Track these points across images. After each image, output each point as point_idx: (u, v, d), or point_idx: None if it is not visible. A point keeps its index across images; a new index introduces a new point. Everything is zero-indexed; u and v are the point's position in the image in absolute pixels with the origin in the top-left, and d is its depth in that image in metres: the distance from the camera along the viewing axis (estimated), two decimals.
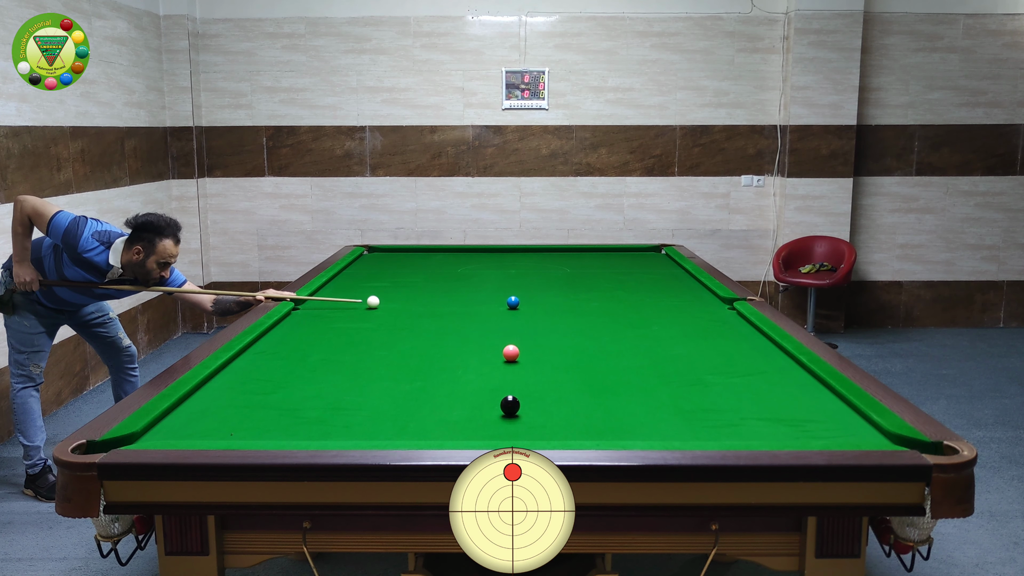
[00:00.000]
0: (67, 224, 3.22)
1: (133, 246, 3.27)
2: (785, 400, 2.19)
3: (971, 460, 1.71)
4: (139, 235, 3.26)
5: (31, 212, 3.25)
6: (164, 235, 3.26)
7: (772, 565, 1.86)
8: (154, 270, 3.30)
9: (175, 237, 3.31)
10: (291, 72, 6.13)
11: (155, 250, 3.26)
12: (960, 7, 6.05)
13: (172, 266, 3.41)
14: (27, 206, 3.25)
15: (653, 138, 6.21)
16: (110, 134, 5.20)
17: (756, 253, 6.38)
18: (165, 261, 3.30)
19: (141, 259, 3.26)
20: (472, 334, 2.88)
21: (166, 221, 3.30)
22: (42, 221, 3.24)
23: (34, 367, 3.51)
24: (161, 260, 3.28)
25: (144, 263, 3.27)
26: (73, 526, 3.26)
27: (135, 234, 3.28)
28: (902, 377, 5.17)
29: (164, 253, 3.27)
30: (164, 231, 3.27)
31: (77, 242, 3.23)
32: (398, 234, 6.31)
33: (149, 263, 3.27)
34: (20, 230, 3.28)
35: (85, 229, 3.25)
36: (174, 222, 3.34)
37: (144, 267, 3.28)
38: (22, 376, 3.51)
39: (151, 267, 3.28)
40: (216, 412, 2.11)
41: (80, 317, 3.64)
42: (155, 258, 3.27)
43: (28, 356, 3.49)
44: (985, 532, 3.22)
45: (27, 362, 3.50)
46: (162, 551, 1.85)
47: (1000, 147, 6.22)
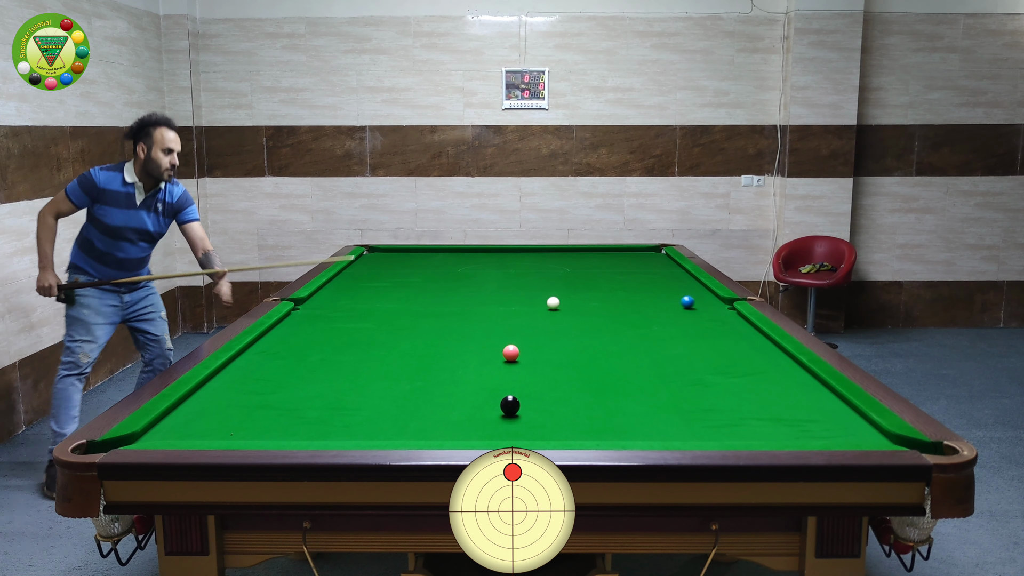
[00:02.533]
0: (77, 179, 3.53)
1: (136, 147, 3.52)
2: (785, 400, 2.19)
3: (971, 460, 1.71)
4: (137, 135, 3.52)
5: (50, 211, 3.54)
6: (157, 124, 3.51)
7: (772, 565, 1.86)
8: (162, 160, 3.50)
9: (168, 124, 3.54)
10: (291, 72, 6.13)
11: (154, 140, 3.48)
12: (960, 7, 6.05)
13: (190, 200, 3.69)
14: (44, 210, 3.55)
15: (653, 138, 6.21)
16: (110, 134, 5.20)
17: (756, 253, 6.38)
18: (168, 147, 3.50)
19: (147, 154, 3.50)
20: (472, 334, 2.88)
21: (156, 115, 3.58)
22: (60, 200, 3.54)
23: (83, 356, 3.62)
24: (163, 148, 3.49)
25: (151, 157, 3.49)
26: (73, 526, 3.26)
27: (134, 137, 3.53)
28: (902, 377, 5.17)
29: (163, 140, 3.49)
30: (156, 121, 3.52)
31: (93, 180, 3.50)
32: (398, 234, 6.31)
33: (154, 154, 3.49)
34: (43, 235, 3.56)
35: (92, 170, 3.55)
36: (164, 115, 3.61)
37: (153, 161, 3.50)
38: (70, 363, 3.62)
39: (157, 158, 3.49)
40: (216, 412, 2.11)
41: (136, 309, 3.80)
42: (157, 147, 3.49)
43: (80, 344, 3.61)
44: (985, 532, 3.22)
45: (78, 349, 3.61)
46: (162, 551, 1.84)
47: (1000, 147, 6.22)
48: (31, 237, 4.39)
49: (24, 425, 4.34)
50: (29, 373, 4.38)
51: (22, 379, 4.33)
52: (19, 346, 4.32)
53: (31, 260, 4.39)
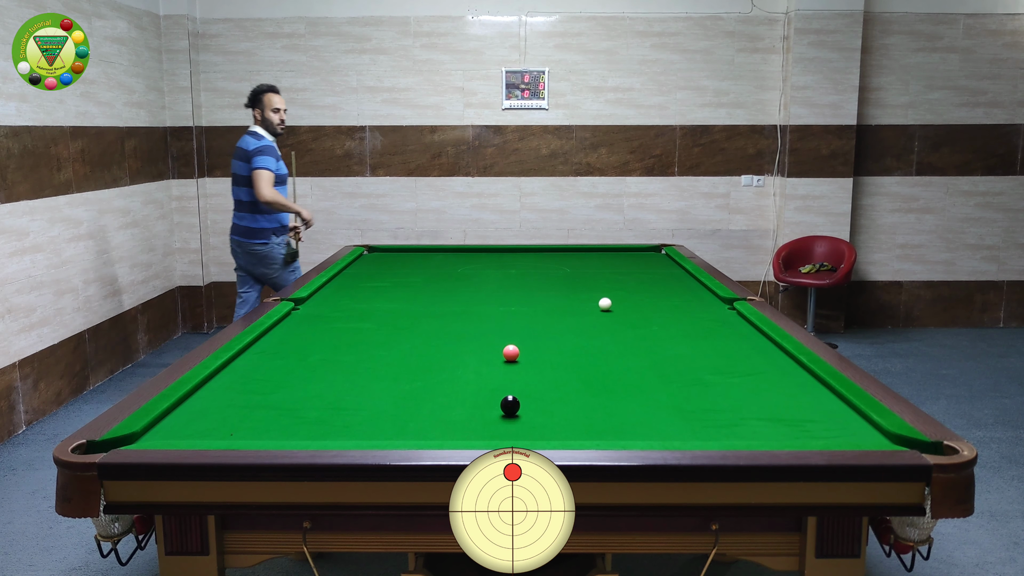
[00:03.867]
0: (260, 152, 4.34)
1: (253, 113, 4.50)
2: (785, 400, 2.19)
3: (971, 460, 1.71)
4: (252, 104, 4.51)
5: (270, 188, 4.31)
6: (265, 91, 4.48)
7: (772, 565, 1.86)
8: (273, 118, 4.47)
9: (273, 89, 4.51)
10: (291, 72, 6.13)
11: (264, 104, 4.46)
12: (960, 7, 6.05)
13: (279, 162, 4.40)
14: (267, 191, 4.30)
15: (653, 138, 6.21)
16: (110, 134, 5.20)
17: (756, 253, 6.38)
18: (276, 107, 4.47)
19: (262, 116, 4.47)
20: (472, 334, 2.88)
21: (263, 84, 4.56)
22: (267, 176, 4.31)
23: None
24: (273, 108, 4.46)
25: (265, 118, 4.46)
26: (73, 526, 3.26)
27: (250, 106, 4.52)
28: (902, 377, 5.17)
29: (271, 103, 4.46)
30: (263, 90, 4.49)
31: (271, 145, 4.41)
32: (398, 234, 6.31)
33: (267, 115, 4.46)
34: (282, 200, 4.38)
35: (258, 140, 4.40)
36: (268, 84, 4.56)
37: (268, 121, 4.47)
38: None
39: (270, 117, 4.47)
40: (216, 412, 2.11)
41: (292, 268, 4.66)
42: (268, 110, 4.46)
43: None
44: (985, 532, 3.22)
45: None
46: (162, 551, 1.84)
47: (1000, 147, 6.22)
48: (31, 237, 4.39)
49: (24, 425, 4.34)
50: (29, 373, 4.39)
51: (22, 379, 4.33)
52: (19, 346, 4.32)
53: (31, 260, 4.40)
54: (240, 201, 4.48)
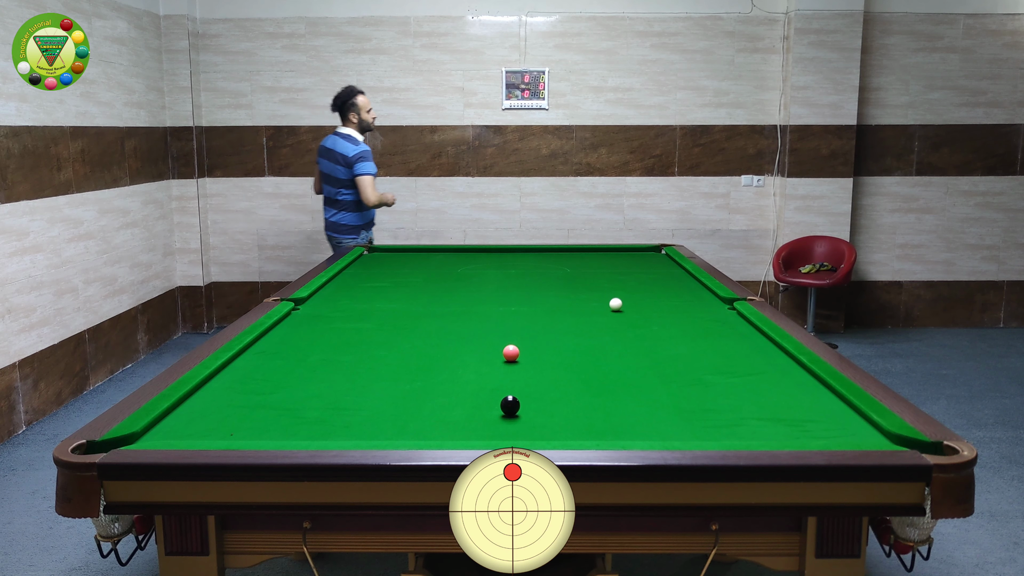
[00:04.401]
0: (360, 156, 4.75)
1: (348, 117, 4.89)
2: (785, 400, 2.19)
3: (971, 460, 1.70)
4: (345, 109, 4.88)
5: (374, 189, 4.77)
6: (355, 95, 4.87)
7: (772, 565, 1.86)
8: (367, 119, 4.91)
9: (361, 91, 4.92)
10: (291, 72, 6.13)
11: (358, 107, 4.87)
12: (960, 7, 6.05)
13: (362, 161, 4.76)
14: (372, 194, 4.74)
15: (653, 138, 6.21)
16: (110, 134, 5.20)
17: (756, 253, 6.38)
18: (368, 108, 4.90)
19: (358, 119, 4.88)
20: (472, 334, 2.88)
21: (347, 90, 4.90)
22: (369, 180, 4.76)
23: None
24: (365, 110, 4.89)
25: (361, 120, 4.89)
26: (73, 526, 3.26)
27: (343, 112, 4.89)
28: (902, 377, 5.17)
29: (363, 105, 4.89)
30: (353, 93, 4.88)
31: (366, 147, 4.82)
32: (398, 234, 6.31)
33: (363, 117, 4.89)
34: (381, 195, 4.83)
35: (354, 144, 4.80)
36: (352, 87, 4.94)
37: (363, 122, 4.90)
38: None
39: (365, 118, 4.90)
40: (216, 412, 2.11)
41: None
42: (361, 112, 4.88)
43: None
44: (985, 532, 3.22)
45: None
46: (162, 551, 1.84)
47: (1000, 147, 6.22)
48: (31, 237, 4.39)
49: (24, 425, 4.34)
50: (29, 373, 4.39)
51: (22, 379, 4.33)
52: (19, 346, 4.32)
53: (31, 260, 4.40)
54: (337, 200, 4.91)
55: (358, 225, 4.94)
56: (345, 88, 4.91)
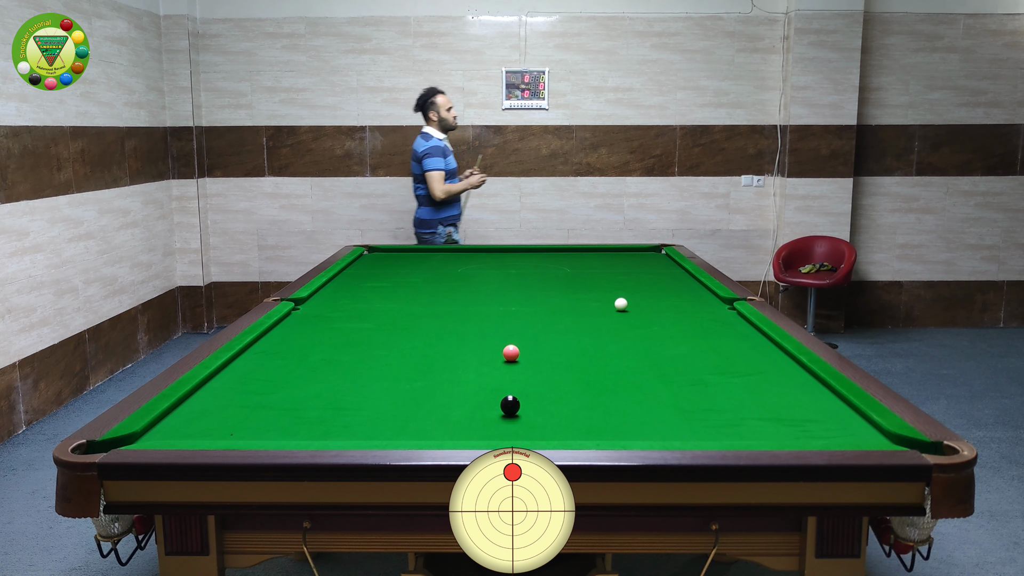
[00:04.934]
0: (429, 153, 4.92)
1: (429, 116, 5.05)
2: (785, 400, 2.19)
3: (971, 460, 1.70)
4: (426, 109, 5.05)
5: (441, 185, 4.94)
6: (434, 95, 5.04)
7: (772, 565, 1.86)
8: (447, 117, 5.04)
9: (440, 91, 5.07)
10: (291, 72, 6.13)
11: (437, 106, 5.02)
12: (960, 7, 6.05)
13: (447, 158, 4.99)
14: (439, 188, 4.94)
15: (653, 138, 6.21)
16: (110, 134, 5.20)
17: (756, 253, 6.38)
18: (448, 107, 5.05)
19: (438, 118, 5.03)
20: (472, 334, 2.88)
21: (427, 90, 5.10)
22: (438, 175, 4.93)
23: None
24: (445, 108, 5.03)
25: (441, 119, 5.04)
26: (73, 526, 3.26)
27: (424, 112, 5.07)
28: (902, 377, 5.17)
29: (443, 104, 5.03)
30: (432, 93, 5.05)
31: (439, 146, 4.95)
32: (398, 234, 6.31)
33: (443, 115, 5.03)
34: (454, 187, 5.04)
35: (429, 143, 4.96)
36: (432, 87, 5.14)
37: (443, 121, 5.04)
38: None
39: (445, 116, 5.04)
40: (216, 412, 2.11)
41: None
42: (442, 110, 5.02)
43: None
44: (985, 532, 3.22)
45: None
46: (162, 551, 1.84)
47: (1000, 147, 6.22)
48: (31, 237, 4.39)
49: (24, 425, 4.34)
50: (29, 373, 4.39)
51: (22, 379, 4.33)
52: (19, 346, 4.32)
53: (31, 260, 4.40)
54: (416, 196, 5.14)
55: (432, 220, 5.09)
56: (426, 89, 5.11)
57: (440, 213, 5.11)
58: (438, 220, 5.12)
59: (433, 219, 5.11)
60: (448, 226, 5.13)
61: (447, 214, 5.14)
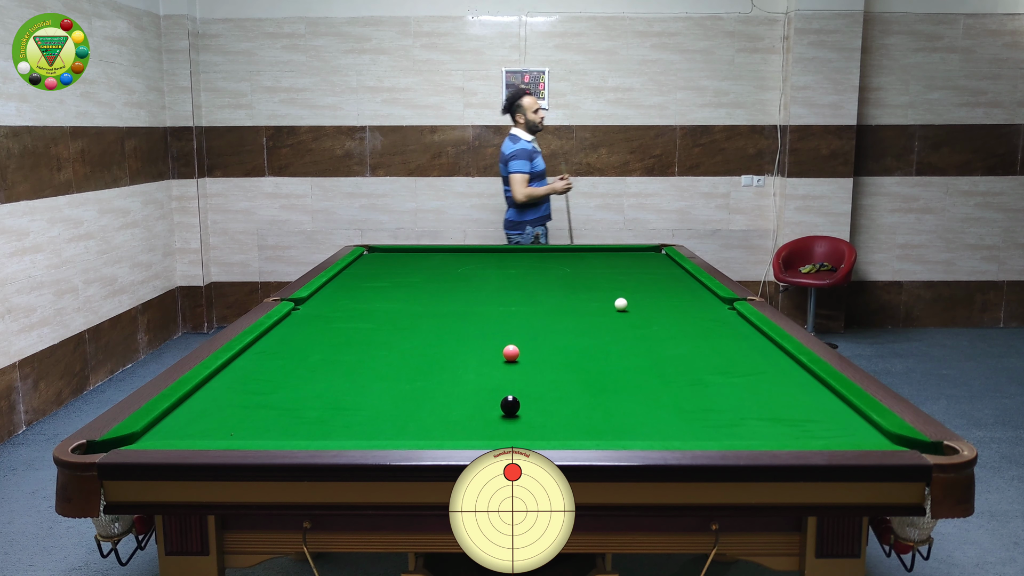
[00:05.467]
0: (514, 156, 4.95)
1: (516, 118, 5.07)
2: (785, 400, 2.19)
3: (971, 460, 1.70)
4: (513, 111, 5.07)
5: (524, 188, 4.96)
6: (521, 96, 5.04)
7: (772, 565, 1.86)
8: (534, 119, 5.03)
9: (527, 93, 5.09)
10: (291, 72, 6.13)
11: (524, 108, 5.02)
12: (960, 7, 6.05)
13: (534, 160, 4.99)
14: (521, 191, 4.95)
15: (653, 138, 6.21)
16: (110, 134, 5.20)
17: (756, 253, 6.38)
18: (535, 108, 5.03)
19: (525, 119, 5.03)
20: (472, 334, 2.88)
21: (514, 92, 5.17)
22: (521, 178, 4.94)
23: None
24: (531, 110, 5.01)
25: (528, 121, 5.03)
26: (73, 526, 3.26)
27: (512, 114, 5.09)
28: (902, 377, 5.17)
29: (530, 106, 5.02)
30: (519, 95, 5.06)
31: (525, 148, 4.96)
32: (398, 234, 6.31)
33: (529, 117, 5.02)
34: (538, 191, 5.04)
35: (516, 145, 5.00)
36: (518, 88, 5.35)
37: (529, 122, 5.04)
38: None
39: (531, 118, 5.03)
40: (216, 412, 2.11)
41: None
42: (529, 112, 5.01)
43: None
44: (985, 532, 3.22)
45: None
46: (162, 551, 1.84)
47: (1000, 147, 6.22)
48: (31, 237, 4.39)
49: (24, 425, 4.34)
50: (29, 373, 4.39)
51: (22, 379, 4.33)
52: (19, 346, 4.32)
53: (31, 260, 4.40)
54: (505, 197, 5.16)
55: (520, 221, 5.10)
56: (513, 90, 5.22)
57: (526, 215, 5.11)
58: (526, 221, 5.11)
59: (521, 220, 5.11)
60: (536, 227, 5.13)
61: (534, 215, 5.13)
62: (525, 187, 4.98)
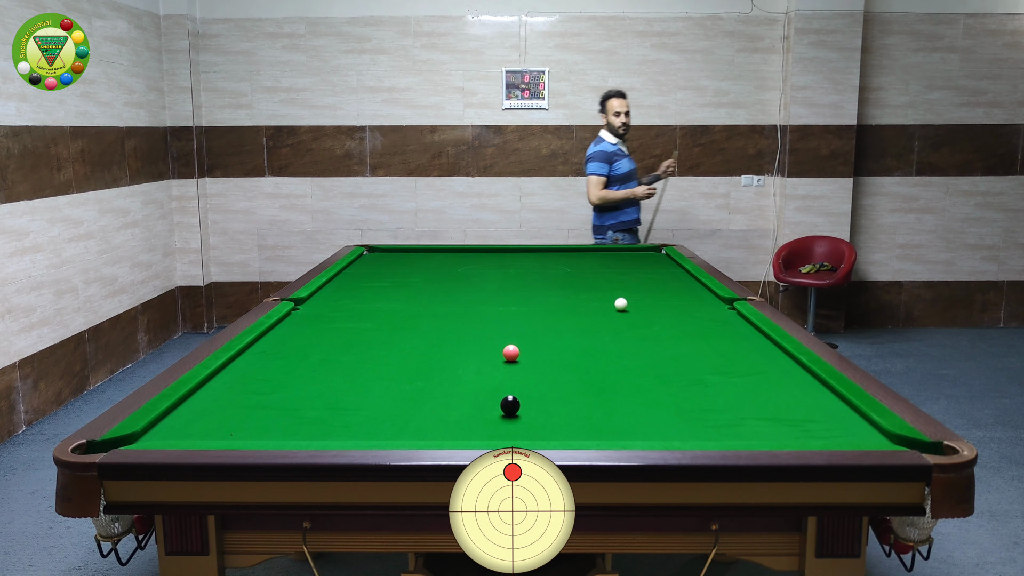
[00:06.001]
0: (593, 159, 4.94)
1: (603, 118, 5.04)
2: (785, 400, 2.19)
3: (971, 460, 1.70)
4: (601, 109, 5.03)
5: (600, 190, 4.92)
6: (609, 97, 5.00)
7: (772, 565, 1.86)
8: (614, 122, 4.96)
9: (618, 94, 5.00)
10: (291, 72, 6.13)
11: (607, 109, 4.98)
12: (960, 7, 6.05)
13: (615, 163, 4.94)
14: (596, 194, 4.93)
15: (653, 138, 6.21)
16: (110, 134, 5.20)
17: (756, 253, 6.38)
18: (616, 111, 4.95)
19: (607, 120, 4.99)
20: (472, 334, 2.88)
21: (610, 90, 5.08)
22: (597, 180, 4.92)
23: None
24: (614, 112, 4.95)
25: (609, 123, 4.98)
26: (73, 526, 3.26)
27: (601, 111, 5.05)
28: (902, 377, 5.17)
29: (612, 108, 4.96)
30: (608, 95, 5.01)
31: (603, 151, 4.93)
32: (398, 234, 6.31)
33: (610, 119, 4.97)
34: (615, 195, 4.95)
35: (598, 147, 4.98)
36: (615, 88, 5.16)
37: (611, 125, 4.98)
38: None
39: (612, 121, 4.97)
40: (216, 412, 2.11)
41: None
42: (610, 114, 4.96)
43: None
44: (985, 532, 3.22)
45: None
46: (162, 551, 1.84)
47: (1000, 147, 6.22)
48: (31, 237, 4.39)
49: (24, 425, 4.34)
50: (29, 373, 4.39)
51: (22, 379, 4.33)
52: (19, 346, 4.32)
53: (31, 260, 4.40)
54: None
55: (601, 225, 5.06)
56: (609, 89, 5.11)
57: (606, 219, 5.05)
58: (606, 226, 5.06)
59: (602, 225, 5.07)
60: (618, 232, 5.04)
61: (616, 220, 5.05)
62: (599, 190, 4.92)
